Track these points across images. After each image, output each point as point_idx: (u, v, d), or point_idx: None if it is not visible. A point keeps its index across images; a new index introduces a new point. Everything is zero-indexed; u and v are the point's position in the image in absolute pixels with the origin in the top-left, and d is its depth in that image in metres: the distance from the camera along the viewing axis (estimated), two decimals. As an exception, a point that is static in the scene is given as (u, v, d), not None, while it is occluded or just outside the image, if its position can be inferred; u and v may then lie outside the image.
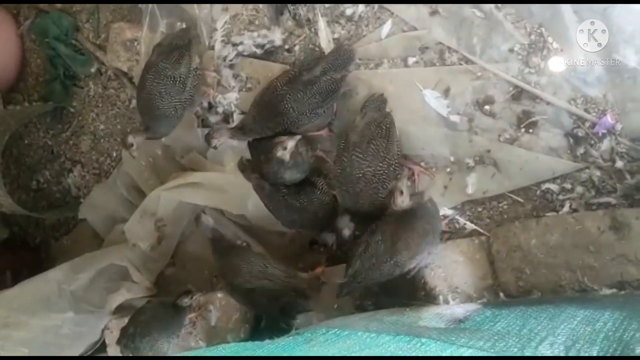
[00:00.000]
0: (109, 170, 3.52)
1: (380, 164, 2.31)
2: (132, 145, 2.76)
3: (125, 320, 3.03)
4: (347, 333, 1.98)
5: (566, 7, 2.20)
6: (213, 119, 2.99)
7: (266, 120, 2.52)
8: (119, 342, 2.69)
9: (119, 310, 3.13)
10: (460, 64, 2.43)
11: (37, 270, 3.16)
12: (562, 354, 1.65)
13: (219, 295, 2.86)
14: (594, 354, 1.64)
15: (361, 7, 2.62)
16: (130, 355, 2.63)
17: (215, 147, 2.63)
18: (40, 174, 3.80)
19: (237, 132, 2.57)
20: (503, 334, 1.84)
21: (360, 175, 2.34)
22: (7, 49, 3.67)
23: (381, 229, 2.23)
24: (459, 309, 2.26)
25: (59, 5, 3.54)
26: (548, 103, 2.30)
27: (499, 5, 2.33)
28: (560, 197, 2.32)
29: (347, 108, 2.64)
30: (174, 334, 2.67)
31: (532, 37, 2.31)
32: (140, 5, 3.12)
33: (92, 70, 3.49)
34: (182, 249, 3.25)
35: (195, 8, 2.97)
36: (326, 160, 2.68)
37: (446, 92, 2.45)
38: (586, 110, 2.26)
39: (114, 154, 3.50)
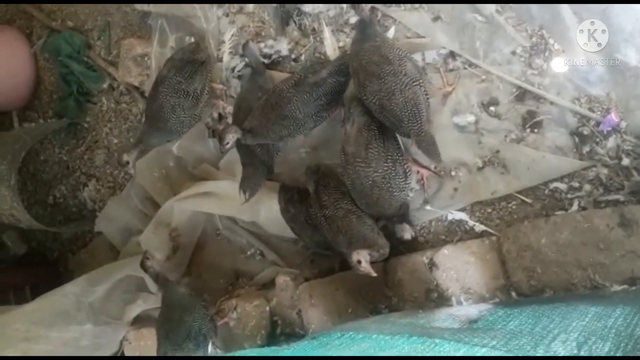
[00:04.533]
0: (123, 183, 3.58)
1: (385, 164, 2.35)
2: (127, 162, 2.81)
3: (143, 331, 3.10)
4: (362, 336, 2.01)
5: (566, 9, 2.23)
6: (223, 129, 3.04)
7: (272, 123, 2.54)
8: None
9: (137, 321, 3.18)
10: (465, 68, 2.46)
11: (56, 284, 3.23)
12: (574, 351, 1.68)
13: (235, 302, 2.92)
14: (606, 350, 1.66)
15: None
16: None
17: (227, 144, 2.57)
18: (57, 189, 3.88)
19: (247, 134, 2.58)
20: (516, 332, 1.86)
21: (370, 182, 2.36)
22: (21, 68, 3.76)
23: None
24: (472, 309, 2.28)
25: (70, 24, 3.62)
26: (552, 103, 2.33)
27: (500, 9, 2.37)
28: (569, 195, 2.34)
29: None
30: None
31: (534, 39, 2.34)
32: (149, 21, 3.19)
33: (105, 86, 3.56)
34: (198, 258, 3.29)
35: (203, 22, 3.04)
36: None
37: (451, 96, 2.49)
38: (590, 109, 2.28)
39: (128, 167, 3.56)
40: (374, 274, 2.30)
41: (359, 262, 2.27)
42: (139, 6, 3.25)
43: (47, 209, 3.93)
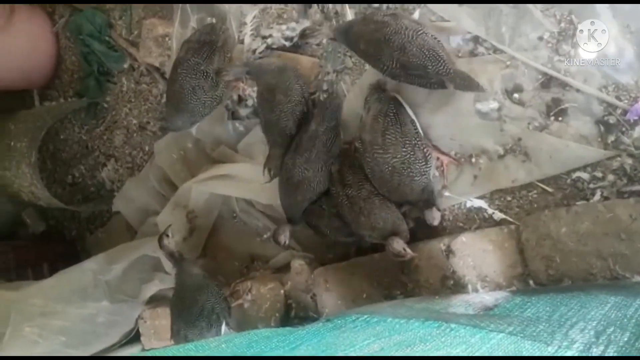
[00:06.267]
0: (142, 164, 3.60)
1: (404, 149, 2.34)
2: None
3: (158, 310, 3.13)
4: (377, 320, 2.00)
5: (596, -6, 2.19)
6: (243, 111, 3.04)
7: (298, 198, 2.65)
8: None
9: (153, 300, 3.21)
10: (489, 54, 2.43)
11: (73, 262, 3.27)
12: (592, 339, 1.65)
13: (250, 284, 2.93)
14: (625, 339, 1.64)
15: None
16: None
17: (285, 243, 2.76)
18: (76, 168, 3.91)
19: (290, 225, 2.77)
20: (533, 319, 1.84)
21: (390, 169, 2.36)
22: (42, 47, 3.78)
23: None
24: (488, 297, 2.26)
25: (92, 4, 3.63)
26: (578, 90, 2.28)
27: (529, -6, 2.33)
28: (591, 185, 2.30)
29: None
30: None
31: (562, 24, 2.29)
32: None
33: (125, 66, 3.57)
34: (213, 240, 3.31)
35: (224, 4, 3.03)
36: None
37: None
38: (617, 98, 2.23)
39: (147, 148, 3.58)
40: (416, 254, 2.38)
41: (404, 249, 2.34)
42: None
43: (65, 188, 3.96)
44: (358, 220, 2.48)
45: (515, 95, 2.39)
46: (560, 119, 2.33)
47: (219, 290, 2.75)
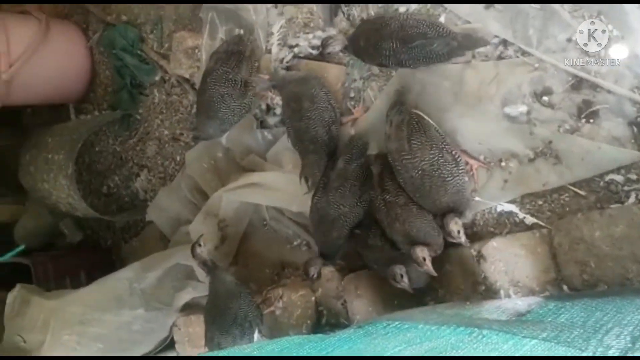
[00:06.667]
0: (174, 174, 3.66)
1: (431, 152, 2.35)
2: None
3: (192, 317, 3.17)
4: (408, 326, 1.99)
5: (624, -7, 2.15)
6: (271, 120, 3.08)
7: (332, 235, 2.65)
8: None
9: (186, 308, 3.25)
10: (517, 57, 2.41)
11: (109, 271, 3.35)
12: (629, 345, 1.62)
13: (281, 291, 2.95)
14: (663, 344, 1.60)
15: (414, 6, 2.63)
16: None
17: (314, 276, 2.71)
18: (110, 179, 4.01)
19: (324, 262, 2.74)
20: (567, 325, 1.81)
21: (420, 172, 2.36)
22: (78, 62, 3.90)
23: None
24: (520, 302, 2.23)
25: (124, 18, 3.73)
26: (609, 92, 2.25)
27: (556, -5, 2.30)
28: (626, 188, 2.25)
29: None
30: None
31: (591, 25, 2.27)
32: (200, 14, 3.25)
33: (157, 78, 3.65)
34: (244, 248, 3.34)
35: (252, 14, 3.08)
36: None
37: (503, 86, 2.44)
38: (650, 98, 2.20)
39: (178, 158, 3.65)
40: (435, 274, 2.34)
41: (424, 259, 2.31)
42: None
43: (101, 199, 4.06)
44: (393, 225, 2.48)
45: (545, 98, 2.36)
46: (591, 120, 2.29)
47: (251, 298, 2.78)
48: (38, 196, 3.82)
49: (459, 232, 2.32)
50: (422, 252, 2.33)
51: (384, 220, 2.54)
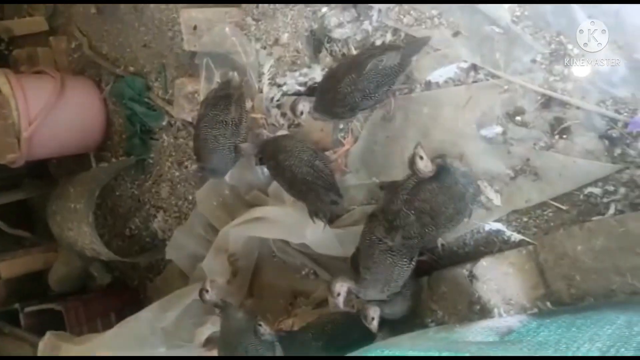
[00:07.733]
0: (188, 213, 3.82)
1: None
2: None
3: (214, 352, 3.29)
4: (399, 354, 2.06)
5: (580, 13, 2.19)
6: (268, 157, 3.20)
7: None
8: None
9: (208, 342, 3.38)
10: (487, 79, 2.47)
11: (137, 310, 3.47)
12: None
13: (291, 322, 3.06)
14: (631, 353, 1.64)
15: (389, 36, 2.73)
16: None
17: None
18: (131, 221, 4.20)
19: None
20: (543, 343, 1.86)
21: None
22: (94, 113, 4.11)
23: None
24: (513, 320, 2.27)
25: (132, 69, 3.94)
26: (578, 108, 2.29)
27: (515, 19, 2.36)
28: (605, 199, 2.28)
29: (386, 134, 2.75)
30: None
31: (552, 45, 2.31)
32: (196, 60, 3.42)
33: (164, 123, 3.83)
34: (257, 279, 3.46)
35: (243, 56, 3.22)
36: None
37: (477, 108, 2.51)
38: (617, 111, 2.22)
39: (190, 197, 3.80)
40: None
41: (338, 294, 2.40)
42: (186, 46, 3.48)
43: (125, 240, 4.26)
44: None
45: (518, 117, 2.42)
46: (564, 136, 2.34)
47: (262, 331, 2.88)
48: (66, 243, 4.02)
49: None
50: (339, 287, 2.41)
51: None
